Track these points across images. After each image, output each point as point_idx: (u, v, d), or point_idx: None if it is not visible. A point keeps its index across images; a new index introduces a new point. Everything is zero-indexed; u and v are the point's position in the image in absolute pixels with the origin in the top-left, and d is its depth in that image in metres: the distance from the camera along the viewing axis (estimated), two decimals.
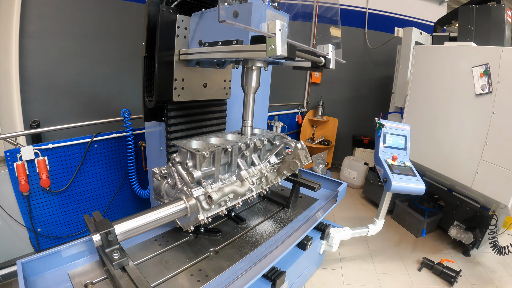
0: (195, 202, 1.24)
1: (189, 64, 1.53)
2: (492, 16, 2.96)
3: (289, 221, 1.74)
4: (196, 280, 1.22)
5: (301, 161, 1.55)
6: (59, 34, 2.96)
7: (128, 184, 2.77)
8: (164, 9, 1.38)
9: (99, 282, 1.20)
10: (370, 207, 3.95)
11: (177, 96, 1.54)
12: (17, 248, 2.31)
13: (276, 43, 0.99)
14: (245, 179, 1.35)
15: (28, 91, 2.86)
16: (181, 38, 1.47)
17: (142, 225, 1.15)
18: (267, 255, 1.35)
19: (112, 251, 1.06)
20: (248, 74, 1.42)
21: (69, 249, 1.28)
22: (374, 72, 4.98)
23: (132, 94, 3.48)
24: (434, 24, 3.87)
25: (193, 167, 1.24)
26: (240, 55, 1.17)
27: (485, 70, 2.35)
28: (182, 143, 1.31)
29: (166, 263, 1.31)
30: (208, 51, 1.31)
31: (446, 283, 2.48)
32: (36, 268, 1.20)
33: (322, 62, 1.45)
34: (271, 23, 0.99)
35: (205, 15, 1.38)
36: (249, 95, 1.47)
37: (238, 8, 1.20)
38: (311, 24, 4.14)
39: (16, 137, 2.23)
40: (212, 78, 1.71)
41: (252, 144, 1.46)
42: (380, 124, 2.29)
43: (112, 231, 1.04)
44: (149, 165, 2.07)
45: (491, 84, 2.32)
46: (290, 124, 4.88)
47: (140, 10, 3.33)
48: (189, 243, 1.48)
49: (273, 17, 1.23)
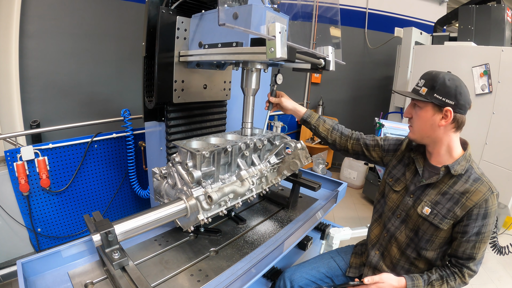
0: (195, 202, 1.23)
1: (189, 66, 1.53)
2: (492, 16, 2.96)
3: (289, 221, 1.73)
4: (196, 280, 1.22)
5: (301, 161, 1.55)
6: (59, 34, 2.97)
7: (128, 184, 2.77)
8: (164, 10, 1.38)
9: (99, 282, 1.19)
10: (370, 207, 3.94)
11: (177, 97, 1.54)
12: (17, 248, 2.31)
13: (276, 46, 0.99)
14: (245, 179, 1.35)
15: (28, 91, 2.86)
16: (181, 40, 1.47)
17: (142, 225, 1.15)
18: (267, 255, 1.35)
19: (112, 251, 1.06)
20: (248, 76, 1.42)
21: (69, 249, 1.27)
22: (374, 72, 4.98)
23: (132, 94, 3.48)
24: (434, 24, 3.87)
25: (193, 167, 1.24)
26: (240, 57, 1.17)
27: (485, 70, 2.35)
28: (182, 143, 1.30)
29: (166, 263, 1.31)
30: (208, 53, 1.31)
31: None
32: (36, 268, 1.20)
33: (322, 64, 1.45)
34: (271, 26, 0.99)
35: (205, 17, 1.38)
36: (248, 97, 1.47)
37: (238, 10, 1.20)
38: (311, 24, 4.14)
39: (16, 137, 2.23)
40: (212, 79, 1.72)
41: (252, 144, 1.46)
42: (380, 124, 2.29)
43: (112, 231, 1.04)
44: (149, 165, 2.07)
45: (491, 84, 2.32)
46: (290, 124, 4.88)
47: (140, 10, 3.33)
48: (189, 243, 1.47)
49: (273, 19, 1.23)
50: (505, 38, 2.94)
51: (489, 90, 2.34)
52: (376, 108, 4.89)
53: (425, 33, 3.62)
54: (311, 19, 4.10)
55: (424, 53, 3.01)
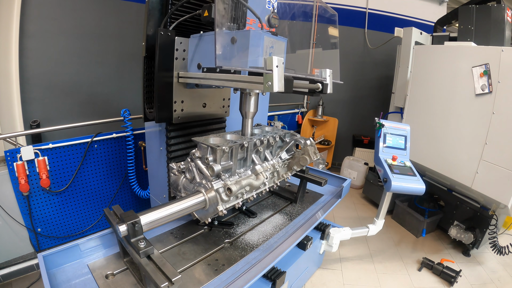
0: (214, 194, 1.30)
1: (188, 86, 1.55)
2: (492, 16, 2.96)
3: (298, 214, 1.84)
4: (213, 269, 1.30)
5: (310, 156, 1.65)
6: (59, 34, 2.96)
7: (128, 184, 2.77)
8: (163, 32, 1.38)
9: (120, 273, 1.26)
10: (370, 207, 3.95)
11: (177, 118, 1.57)
12: (17, 248, 2.31)
13: (273, 80, 1.00)
14: (259, 173, 1.43)
15: (28, 91, 2.86)
16: (180, 61, 1.47)
17: (164, 216, 1.21)
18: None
19: (137, 241, 1.10)
20: (246, 100, 1.45)
21: (87, 243, 1.33)
22: (374, 72, 4.98)
23: (132, 94, 3.48)
24: (434, 24, 3.87)
25: (213, 161, 1.32)
26: (238, 85, 1.18)
27: (485, 70, 2.35)
28: (201, 139, 1.39)
29: (184, 254, 1.39)
30: (207, 77, 1.33)
31: (446, 283, 2.48)
32: (56, 261, 1.24)
33: (320, 89, 1.46)
34: (268, 59, 1.00)
35: (204, 39, 1.39)
36: (247, 120, 1.50)
37: (236, 34, 1.21)
38: (311, 24, 4.13)
39: (16, 137, 2.23)
40: (211, 98, 1.73)
41: (266, 141, 1.55)
42: (380, 124, 2.29)
43: (138, 221, 1.09)
44: (149, 165, 2.06)
45: (491, 84, 2.32)
46: (290, 124, 4.88)
47: (140, 10, 3.33)
48: (203, 235, 1.57)
49: (271, 43, 1.24)
50: (505, 38, 2.94)
51: (489, 90, 2.34)
52: (376, 108, 4.89)
53: (425, 33, 3.61)
54: (311, 19, 4.09)
55: (424, 53, 3.01)
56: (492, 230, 2.65)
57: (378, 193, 3.77)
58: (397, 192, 2.12)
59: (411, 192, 2.08)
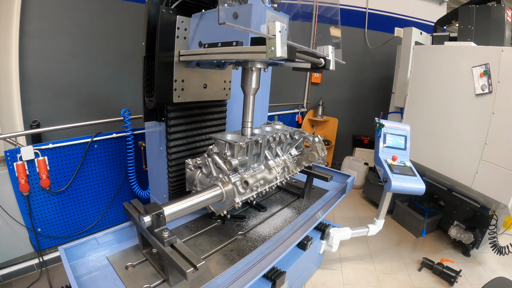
0: (231, 187, 1.36)
1: (189, 65, 1.53)
2: (492, 16, 2.96)
3: (305, 208, 1.92)
4: (229, 259, 1.38)
5: (318, 153, 1.72)
6: (59, 34, 2.96)
7: (128, 184, 2.78)
8: (164, 10, 1.38)
9: (139, 264, 1.31)
10: (370, 207, 3.95)
11: (177, 97, 1.55)
12: (17, 248, 2.31)
13: (276, 45, 0.99)
14: (272, 167, 1.50)
15: (28, 91, 2.86)
16: (181, 39, 1.47)
17: (185, 208, 1.26)
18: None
19: (161, 231, 1.14)
20: (248, 75, 1.43)
21: (105, 237, 1.38)
22: (374, 72, 4.98)
23: (132, 94, 3.48)
24: (434, 24, 3.87)
25: (231, 156, 1.39)
26: (240, 56, 1.18)
27: (485, 70, 2.35)
28: (218, 136, 1.46)
29: (200, 245, 1.47)
30: (208, 52, 1.31)
31: (446, 283, 2.48)
32: (75, 254, 1.28)
33: (322, 64, 1.47)
34: (271, 25, 0.99)
35: (205, 16, 1.38)
36: (249, 96, 1.48)
37: (238, 9, 1.21)
38: (311, 24, 4.14)
39: (16, 137, 2.23)
40: (212, 79, 1.72)
41: (278, 138, 1.62)
42: (380, 124, 2.29)
43: (162, 212, 1.14)
44: (149, 165, 2.06)
45: (491, 84, 2.32)
46: (290, 124, 4.88)
47: (140, 10, 3.33)
48: (217, 228, 1.64)
49: (273, 18, 1.24)
50: (505, 38, 2.94)
51: (489, 90, 2.34)
52: (376, 108, 4.89)
53: (425, 33, 3.61)
54: (311, 19, 4.10)
55: (424, 53, 3.01)
56: (492, 230, 2.65)
57: (378, 193, 3.78)
58: (397, 192, 2.12)
59: (411, 192, 2.09)
